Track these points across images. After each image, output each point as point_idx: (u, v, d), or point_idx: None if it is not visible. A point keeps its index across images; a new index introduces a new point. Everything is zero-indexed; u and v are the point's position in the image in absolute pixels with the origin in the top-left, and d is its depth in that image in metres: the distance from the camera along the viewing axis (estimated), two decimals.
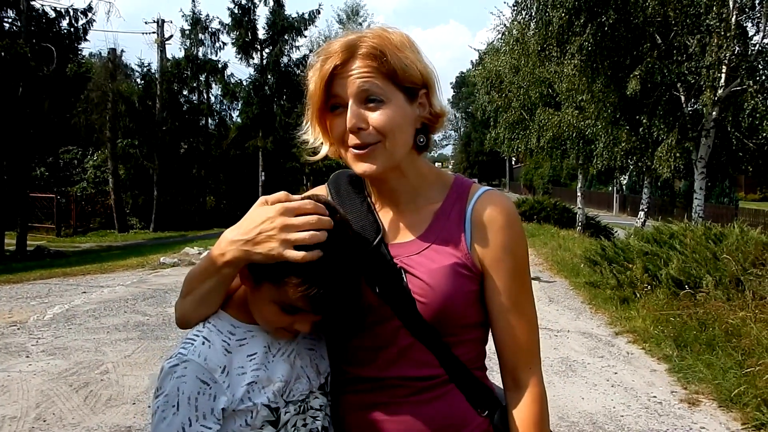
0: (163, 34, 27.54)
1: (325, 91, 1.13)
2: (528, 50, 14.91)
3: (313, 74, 1.14)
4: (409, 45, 1.16)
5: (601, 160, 14.08)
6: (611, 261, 8.52)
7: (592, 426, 4.09)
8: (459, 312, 1.16)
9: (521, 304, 1.20)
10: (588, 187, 26.05)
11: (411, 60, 1.14)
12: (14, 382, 4.73)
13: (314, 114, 1.18)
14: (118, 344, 5.81)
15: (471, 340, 1.21)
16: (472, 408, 1.20)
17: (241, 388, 1.09)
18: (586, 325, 6.82)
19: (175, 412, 1.05)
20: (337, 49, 1.12)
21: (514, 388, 1.22)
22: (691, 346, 5.47)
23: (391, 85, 1.12)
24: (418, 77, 1.15)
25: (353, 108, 1.11)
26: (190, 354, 1.08)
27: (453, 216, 1.20)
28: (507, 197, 1.25)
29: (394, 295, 1.15)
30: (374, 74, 1.11)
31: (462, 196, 1.22)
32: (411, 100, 1.15)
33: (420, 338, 1.15)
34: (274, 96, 30.71)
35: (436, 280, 1.14)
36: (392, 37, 1.15)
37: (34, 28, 17.90)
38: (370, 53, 1.11)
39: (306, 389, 1.17)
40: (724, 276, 6.40)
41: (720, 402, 4.46)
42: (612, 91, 12.33)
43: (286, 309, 1.08)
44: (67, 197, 25.64)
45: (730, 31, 10.49)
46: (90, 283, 9.56)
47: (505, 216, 1.19)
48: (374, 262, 1.17)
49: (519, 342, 1.21)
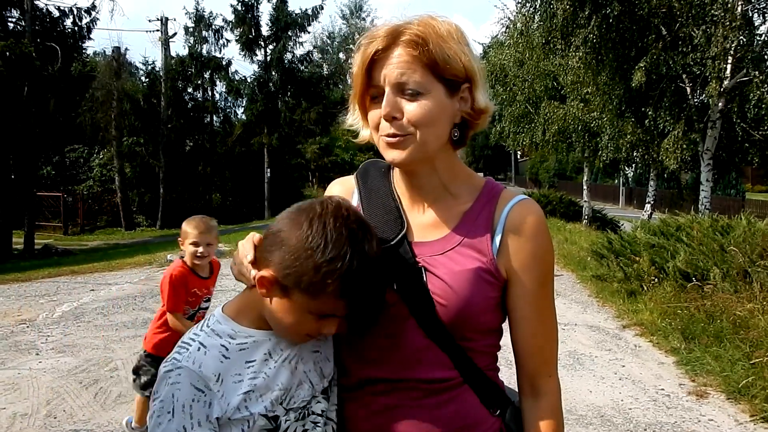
0: (167, 31, 27.61)
1: (366, 76, 1.11)
2: (532, 43, 14.87)
3: (356, 57, 1.12)
4: (456, 36, 1.12)
5: (607, 153, 14.03)
6: (618, 254, 8.50)
7: (600, 419, 4.09)
8: (478, 317, 1.14)
9: (545, 313, 1.19)
10: (594, 180, 25.97)
11: (455, 51, 1.10)
12: (24, 380, 4.77)
13: (356, 97, 1.16)
14: (127, 341, 5.84)
15: (486, 345, 1.20)
16: (485, 408, 1.18)
17: (237, 397, 1.06)
18: (594, 319, 6.81)
19: (170, 418, 1.04)
20: (382, 33, 1.09)
21: (531, 395, 1.21)
22: (699, 339, 5.46)
23: (430, 76, 1.09)
24: (461, 70, 1.11)
25: (389, 96, 1.09)
26: (184, 360, 1.06)
27: (481, 220, 1.17)
28: (539, 207, 1.22)
29: (412, 293, 1.13)
30: (414, 63, 1.08)
31: (492, 200, 1.20)
32: (452, 94, 1.12)
33: (436, 340, 1.13)
34: (278, 92, 30.70)
35: (459, 283, 1.12)
36: (439, 26, 1.11)
37: (39, 28, 17.96)
38: (412, 41, 1.08)
39: (308, 395, 1.14)
40: (731, 268, 6.37)
41: (728, 394, 4.45)
42: (617, 84, 12.28)
43: (322, 316, 1.07)
44: (74, 196, 25.76)
45: (736, 21, 10.40)
46: (98, 280, 9.60)
47: (537, 225, 1.17)
48: (395, 258, 1.15)
49: (540, 350, 1.20)
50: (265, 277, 1.06)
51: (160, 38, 27.54)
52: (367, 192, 1.25)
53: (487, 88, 1.18)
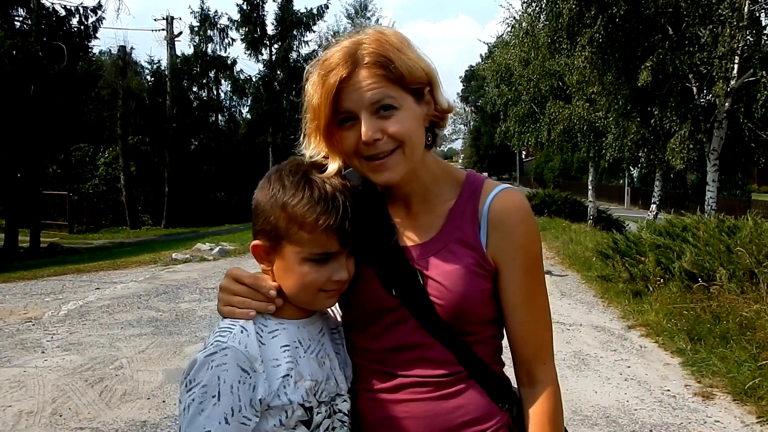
0: (173, 31, 27.65)
1: (332, 107, 1.10)
2: (538, 43, 14.80)
3: (314, 89, 1.11)
4: (407, 44, 1.13)
5: (612, 153, 13.99)
6: (623, 254, 8.47)
7: (605, 420, 4.07)
8: (475, 311, 1.17)
9: (535, 300, 1.20)
10: (599, 180, 25.91)
11: (414, 60, 1.11)
12: (30, 378, 4.78)
13: (320, 129, 1.14)
14: (132, 340, 5.86)
15: (488, 337, 1.22)
16: (494, 403, 1.20)
17: (277, 380, 1.07)
18: (599, 319, 6.79)
19: (215, 402, 1.01)
20: (339, 60, 1.08)
21: (528, 383, 1.22)
22: (705, 340, 5.43)
23: (400, 90, 1.10)
24: (422, 77, 1.13)
25: (367, 120, 1.09)
26: (229, 341, 1.05)
27: (467, 214, 1.19)
28: (522, 194, 1.24)
29: (411, 297, 1.16)
30: (384, 82, 1.08)
31: (475, 193, 1.21)
32: (419, 100, 1.14)
33: (439, 338, 1.16)
34: (283, 91, 30.76)
35: (452, 282, 1.14)
36: (391, 39, 1.11)
37: (45, 27, 18.04)
38: (376, 62, 1.08)
39: (334, 391, 1.17)
40: (737, 269, 6.34)
41: (734, 395, 4.43)
42: (623, 83, 12.23)
43: (318, 259, 1.09)
44: (80, 194, 25.87)
45: (743, 20, 10.35)
46: (103, 279, 9.63)
47: (521, 213, 1.19)
48: (390, 264, 1.17)
49: (533, 338, 1.21)
50: (257, 245, 1.14)
51: (165, 37, 27.61)
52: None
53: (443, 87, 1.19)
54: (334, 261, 1.11)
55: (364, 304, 1.20)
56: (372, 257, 1.18)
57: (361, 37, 1.11)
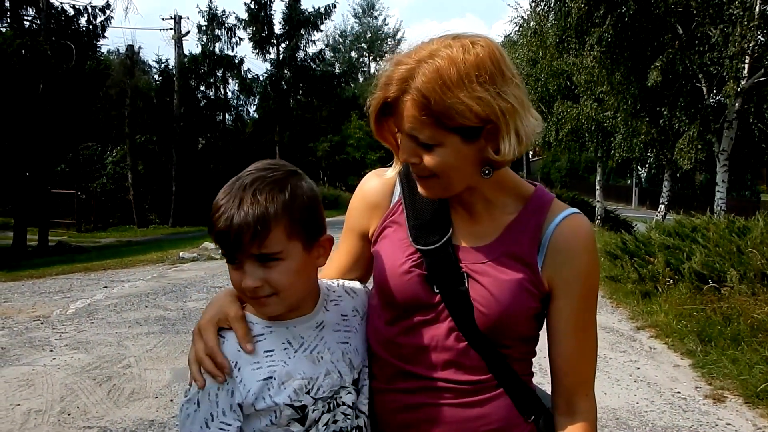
0: (180, 30, 27.68)
1: (379, 113, 1.11)
2: (546, 42, 14.77)
3: (376, 88, 1.10)
4: (476, 77, 1.02)
5: (620, 152, 13.94)
6: (632, 255, 8.42)
7: (615, 421, 4.04)
8: (516, 326, 1.14)
9: (586, 331, 1.18)
10: (606, 180, 25.80)
11: (463, 100, 1.01)
12: (39, 376, 4.79)
13: (373, 127, 1.15)
14: (140, 338, 5.86)
15: (523, 353, 1.20)
16: (520, 414, 1.18)
17: (257, 383, 1.07)
18: (608, 320, 6.75)
19: (196, 408, 1.08)
20: (398, 78, 1.05)
21: (567, 413, 1.19)
22: (716, 341, 5.38)
23: (440, 130, 1.04)
24: (471, 118, 1.02)
25: (405, 143, 1.09)
26: None
27: (528, 231, 1.16)
28: (589, 223, 1.21)
29: (453, 297, 1.13)
30: (419, 121, 1.04)
31: (541, 210, 1.17)
32: (470, 140, 1.06)
33: (473, 344, 1.13)
34: (290, 91, 30.80)
35: (502, 293, 1.11)
36: (450, 73, 1.01)
37: (54, 26, 18.12)
38: (415, 99, 1.03)
39: (337, 384, 1.15)
40: (748, 270, 6.29)
41: (746, 398, 4.38)
42: (632, 83, 12.19)
43: (229, 261, 1.09)
44: (87, 193, 25.98)
45: (754, 20, 10.29)
46: (111, 277, 9.65)
47: (587, 242, 1.16)
48: (438, 260, 1.15)
49: (579, 368, 1.18)
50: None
51: (173, 36, 27.64)
52: (411, 191, 1.22)
53: (518, 129, 1.07)
54: (245, 265, 1.06)
55: (401, 292, 1.16)
56: (423, 247, 1.16)
57: (427, 58, 1.03)
